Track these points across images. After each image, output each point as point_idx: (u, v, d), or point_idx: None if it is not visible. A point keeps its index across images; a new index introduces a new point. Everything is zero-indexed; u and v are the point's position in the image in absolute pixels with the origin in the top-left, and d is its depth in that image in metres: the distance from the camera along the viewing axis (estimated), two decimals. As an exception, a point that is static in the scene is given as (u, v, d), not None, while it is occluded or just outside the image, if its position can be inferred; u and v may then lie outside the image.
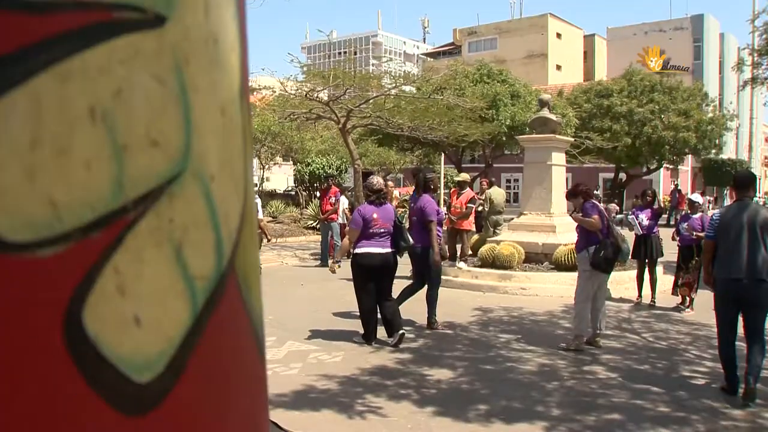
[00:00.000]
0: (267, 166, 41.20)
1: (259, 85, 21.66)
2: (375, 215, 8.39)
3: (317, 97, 20.16)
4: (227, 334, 0.83)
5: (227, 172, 0.83)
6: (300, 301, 11.22)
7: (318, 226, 19.19)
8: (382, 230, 8.38)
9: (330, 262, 10.04)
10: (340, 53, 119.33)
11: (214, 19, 0.81)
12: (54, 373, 0.66)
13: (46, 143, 0.64)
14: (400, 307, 8.79)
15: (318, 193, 24.72)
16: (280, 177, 55.03)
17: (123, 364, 0.70)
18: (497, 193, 16.91)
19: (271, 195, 38.84)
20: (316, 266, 15.98)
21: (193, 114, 0.77)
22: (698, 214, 10.79)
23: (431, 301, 9.47)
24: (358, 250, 8.40)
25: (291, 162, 40.77)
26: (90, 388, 0.67)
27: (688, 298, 10.69)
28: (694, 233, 10.33)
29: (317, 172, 31.01)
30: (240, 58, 0.88)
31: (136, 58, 0.70)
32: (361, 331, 8.55)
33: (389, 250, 8.46)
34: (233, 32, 0.86)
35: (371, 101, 20.35)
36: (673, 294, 11.05)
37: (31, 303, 0.64)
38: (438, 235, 9.54)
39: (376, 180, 8.83)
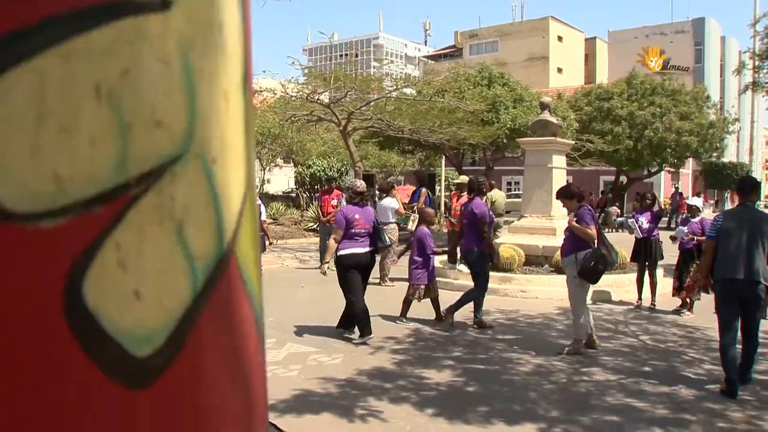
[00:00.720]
0: (268, 168, 41.21)
1: (260, 87, 21.66)
2: (357, 216, 8.61)
3: (318, 99, 20.19)
4: (226, 314, 0.84)
5: (229, 157, 0.85)
6: (300, 303, 11.23)
7: (318, 228, 19.19)
8: (362, 231, 8.61)
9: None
10: (341, 55, 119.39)
11: (219, 6, 0.83)
12: (53, 342, 0.67)
13: (52, 119, 0.65)
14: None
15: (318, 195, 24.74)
16: (281, 179, 55.12)
17: (123, 337, 0.71)
18: (498, 196, 16.90)
19: (271, 197, 38.85)
20: (316, 268, 15.96)
21: (197, 98, 0.78)
22: (698, 218, 10.81)
23: (478, 301, 9.65)
24: (342, 252, 8.57)
25: (292, 164, 40.76)
26: (89, 358, 0.68)
27: (688, 301, 10.69)
28: (695, 238, 10.36)
29: (318, 174, 31.02)
30: (243, 47, 0.89)
31: (142, 40, 0.72)
32: (354, 334, 8.69)
33: (369, 249, 8.68)
34: (237, 21, 0.87)
35: (372, 103, 20.39)
36: (673, 296, 11.05)
37: (33, 271, 0.66)
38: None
39: (359, 182, 9.17)
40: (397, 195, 14.47)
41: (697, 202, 11.49)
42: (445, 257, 14.00)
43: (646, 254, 11.34)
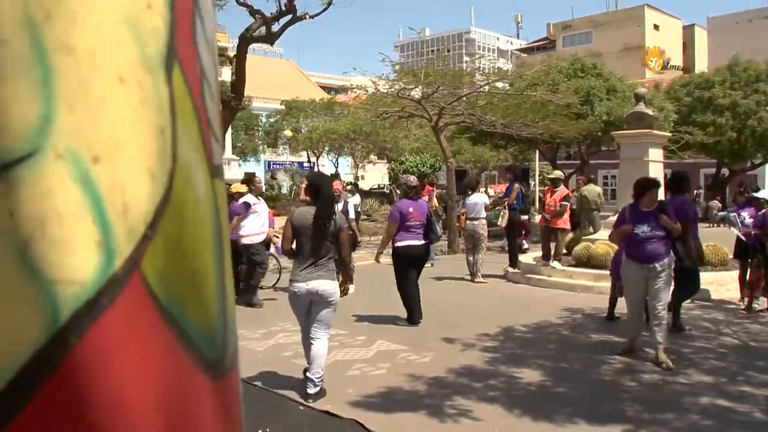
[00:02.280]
0: (361, 165, 41.56)
1: (351, 85, 21.84)
2: (411, 209, 9.25)
3: (409, 95, 20.21)
4: (123, 352, 0.70)
5: (128, 155, 0.71)
6: (391, 300, 11.24)
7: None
8: (417, 223, 9.24)
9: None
10: (432, 51, 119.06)
11: None
12: None
13: None
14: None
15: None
16: (375, 175, 55.42)
17: None
18: (590, 191, 16.61)
19: (365, 193, 39.18)
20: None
21: (57, 79, 0.65)
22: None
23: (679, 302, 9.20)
24: (399, 243, 9.31)
25: (385, 160, 40.98)
26: None
27: (748, 299, 10.27)
28: (753, 231, 10.01)
29: (410, 170, 31.12)
30: (169, 22, 0.77)
31: None
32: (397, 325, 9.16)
33: (423, 242, 9.37)
34: None
35: (463, 98, 20.28)
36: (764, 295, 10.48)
37: None
38: None
39: (412, 177, 9.88)
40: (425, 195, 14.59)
41: (765, 194, 10.93)
42: (539, 254, 13.85)
43: (749, 251, 10.87)
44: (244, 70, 14.94)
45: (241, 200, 11.04)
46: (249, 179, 11.64)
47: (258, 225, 11.07)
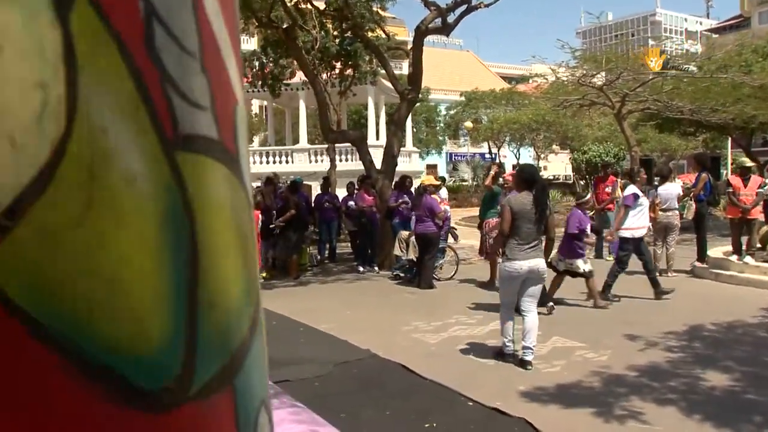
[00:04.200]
0: (543, 155, 40.89)
1: (531, 73, 21.50)
2: None
3: (590, 82, 19.62)
4: None
5: None
6: (569, 295, 10.95)
7: (593, 216, 18.65)
8: None
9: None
10: (616, 36, 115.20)
11: None
12: None
13: None
14: None
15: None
16: (558, 165, 54.40)
17: None
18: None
19: (548, 184, 38.54)
20: (591, 258, 15.57)
21: None
22: None
23: None
24: None
25: (568, 150, 40.08)
26: None
27: None
28: None
29: (593, 160, 30.24)
30: None
31: None
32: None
33: None
34: None
35: (648, 84, 19.40)
36: None
37: None
38: None
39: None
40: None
41: None
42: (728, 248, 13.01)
43: None
44: (420, 62, 15.00)
45: (627, 192, 11.11)
46: (634, 171, 11.88)
47: (641, 219, 11.00)
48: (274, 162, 29.09)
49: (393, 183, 14.81)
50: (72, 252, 0.62)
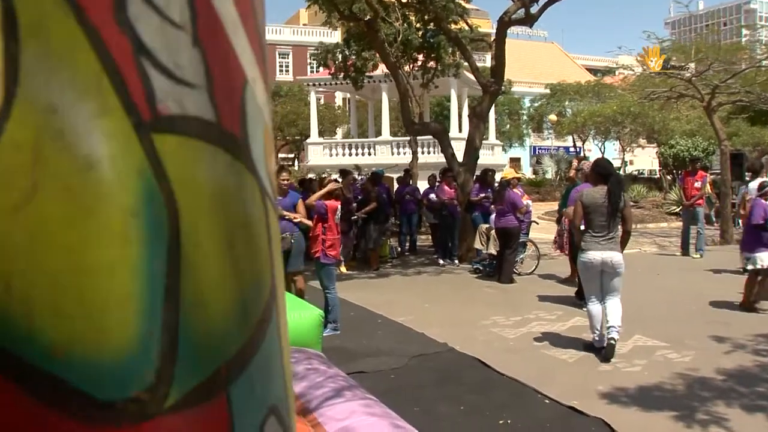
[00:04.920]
0: (629, 149, 40.00)
1: (616, 65, 21.03)
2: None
3: (679, 74, 19.06)
4: None
5: None
6: (654, 292, 10.69)
7: (680, 212, 18.16)
8: None
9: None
10: (706, 26, 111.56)
11: None
12: None
13: None
14: None
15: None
16: (644, 159, 53.17)
17: None
18: None
19: (633, 178, 37.74)
20: (674, 255, 15.20)
21: None
22: None
23: None
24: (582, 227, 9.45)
25: (654, 144, 39.08)
26: None
27: None
28: None
29: (681, 154, 29.42)
30: None
31: None
32: None
33: None
34: None
35: (740, 75, 18.74)
36: None
37: None
38: None
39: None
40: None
41: None
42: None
43: None
44: (503, 53, 14.83)
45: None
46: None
47: None
48: (357, 154, 29.24)
49: (474, 176, 14.72)
50: (8, 244, 0.56)
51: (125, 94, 0.60)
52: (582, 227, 7.59)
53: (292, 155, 42.48)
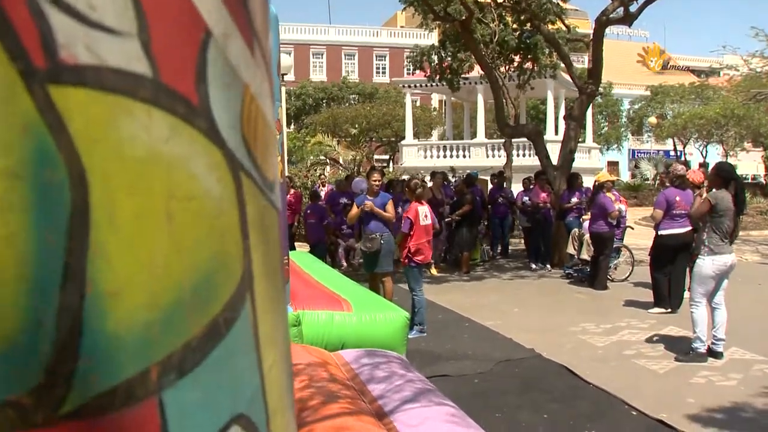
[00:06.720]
0: (732, 152, 38.56)
1: (720, 64, 20.33)
2: (678, 198, 9.47)
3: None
4: None
5: None
6: (754, 302, 10.29)
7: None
8: (682, 212, 9.35)
9: None
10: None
11: None
12: None
13: None
14: None
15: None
16: (749, 164, 51.17)
17: None
18: None
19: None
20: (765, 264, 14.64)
21: None
22: None
23: None
24: (663, 232, 9.64)
25: (760, 147, 37.61)
26: None
27: None
28: None
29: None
30: None
31: None
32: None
33: (688, 228, 9.34)
34: None
35: None
36: None
37: None
38: None
39: (680, 167, 10.09)
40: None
41: None
42: None
43: None
44: (601, 54, 14.55)
45: None
46: None
47: None
48: (452, 156, 29.17)
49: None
50: None
51: (9, 36, 0.51)
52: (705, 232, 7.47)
53: (386, 156, 42.65)
